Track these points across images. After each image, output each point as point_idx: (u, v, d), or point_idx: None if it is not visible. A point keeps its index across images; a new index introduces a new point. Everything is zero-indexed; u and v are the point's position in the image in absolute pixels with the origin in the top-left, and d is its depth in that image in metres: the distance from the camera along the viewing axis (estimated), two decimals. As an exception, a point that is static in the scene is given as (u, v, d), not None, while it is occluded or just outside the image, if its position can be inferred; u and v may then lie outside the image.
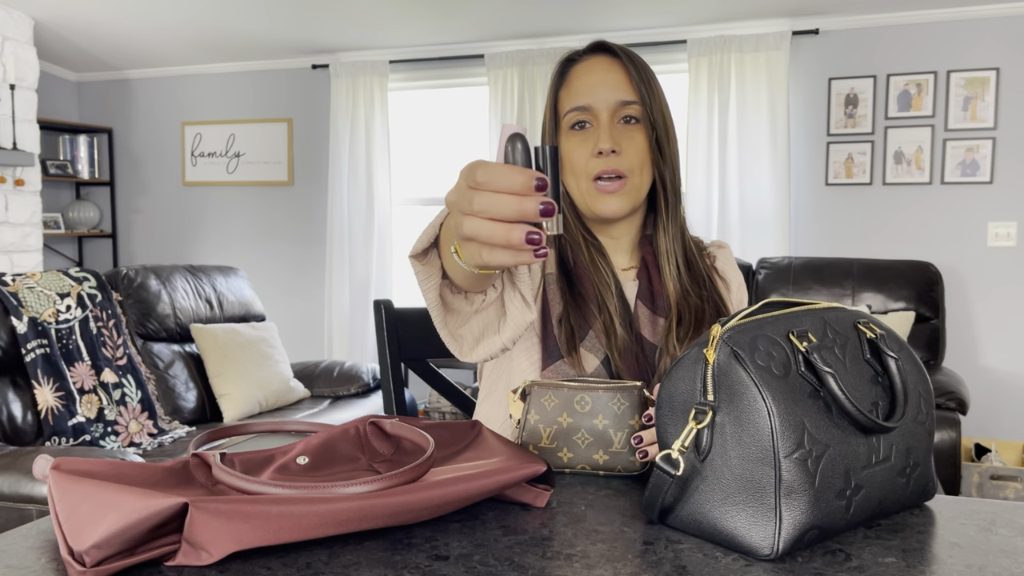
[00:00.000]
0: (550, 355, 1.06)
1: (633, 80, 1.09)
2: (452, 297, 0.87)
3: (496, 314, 0.92)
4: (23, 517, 2.05)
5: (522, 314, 0.89)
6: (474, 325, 0.91)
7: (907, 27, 3.77)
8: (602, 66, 1.10)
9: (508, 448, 0.78)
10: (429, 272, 0.82)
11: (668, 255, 1.13)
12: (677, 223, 1.14)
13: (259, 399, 3.18)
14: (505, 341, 0.92)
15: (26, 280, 2.75)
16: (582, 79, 1.11)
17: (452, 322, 0.90)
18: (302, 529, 0.61)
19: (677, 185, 1.14)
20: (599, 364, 1.06)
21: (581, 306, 1.09)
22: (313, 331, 4.87)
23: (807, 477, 0.65)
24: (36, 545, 0.64)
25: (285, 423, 0.91)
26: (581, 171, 1.09)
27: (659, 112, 1.09)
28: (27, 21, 4.14)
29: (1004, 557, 0.65)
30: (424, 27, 4.18)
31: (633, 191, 1.09)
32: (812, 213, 3.96)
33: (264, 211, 4.95)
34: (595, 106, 1.09)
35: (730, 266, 1.22)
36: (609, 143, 1.06)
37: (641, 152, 1.08)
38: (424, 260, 0.81)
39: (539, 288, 1.12)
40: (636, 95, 1.08)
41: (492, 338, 0.91)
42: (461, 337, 0.91)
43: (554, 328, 1.07)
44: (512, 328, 0.90)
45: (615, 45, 1.12)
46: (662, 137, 1.09)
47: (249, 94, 4.93)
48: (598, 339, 1.06)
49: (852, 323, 0.76)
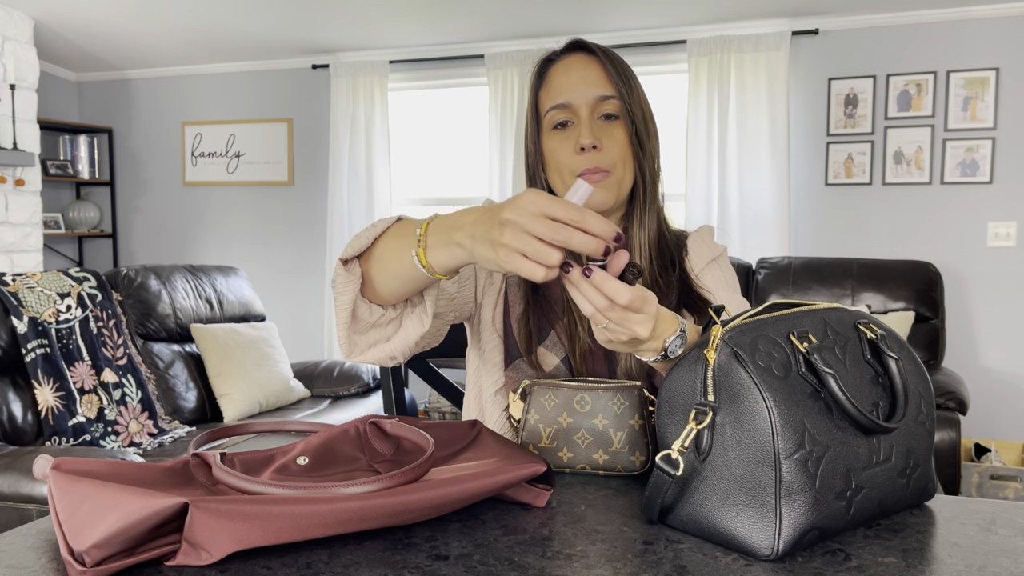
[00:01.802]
0: (510, 354, 1.10)
1: (611, 76, 1.10)
2: (359, 305, 0.92)
3: (393, 328, 0.95)
4: (23, 517, 2.05)
5: (415, 328, 0.93)
6: (370, 335, 0.95)
7: (907, 27, 3.77)
8: (580, 64, 1.11)
9: (508, 448, 0.78)
10: (349, 278, 0.88)
11: (640, 248, 1.14)
12: (654, 213, 1.15)
13: (259, 399, 3.18)
14: (393, 350, 0.95)
15: (26, 280, 2.75)
16: (560, 77, 1.12)
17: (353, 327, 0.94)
18: (302, 529, 0.61)
19: (656, 178, 1.15)
20: (559, 362, 1.09)
21: (544, 306, 1.11)
22: (313, 331, 4.87)
23: (807, 478, 0.65)
24: (36, 545, 0.64)
25: (285, 423, 0.91)
26: (565, 168, 1.11)
27: (638, 107, 1.11)
28: (27, 21, 4.14)
29: (1004, 557, 0.65)
30: (424, 27, 4.18)
31: (616, 185, 1.10)
32: (812, 213, 3.96)
33: (264, 211, 4.95)
34: (575, 103, 1.10)
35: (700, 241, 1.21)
36: (590, 138, 1.07)
37: (622, 147, 1.10)
38: (347, 267, 0.88)
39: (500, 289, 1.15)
40: (614, 90, 1.09)
41: (382, 347, 0.95)
42: (354, 343, 0.95)
43: (513, 328, 1.10)
44: (401, 340, 0.94)
45: (592, 43, 1.13)
46: (641, 131, 1.11)
47: (249, 94, 4.93)
48: (559, 339, 1.09)
49: (852, 324, 0.76)
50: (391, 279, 0.86)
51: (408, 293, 0.89)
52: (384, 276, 0.86)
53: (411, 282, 0.85)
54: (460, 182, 4.59)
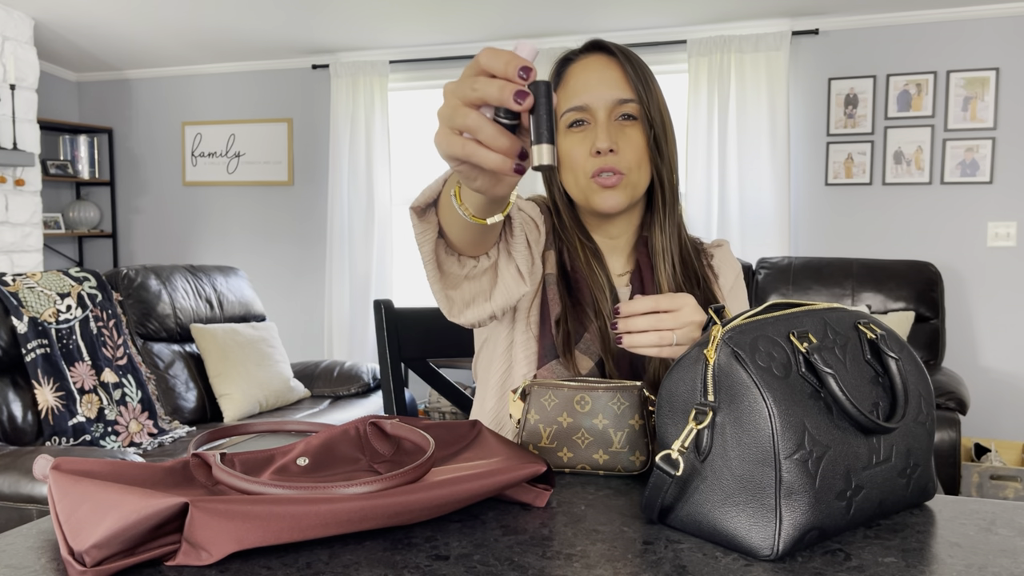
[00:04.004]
0: (546, 354, 1.09)
1: (630, 78, 1.09)
2: (445, 258, 0.89)
3: (488, 282, 0.93)
4: (23, 517, 2.05)
5: (516, 285, 0.91)
6: (465, 290, 0.93)
7: (907, 27, 3.77)
8: (599, 65, 1.11)
9: (508, 448, 0.78)
10: (424, 227, 0.85)
11: (664, 254, 1.14)
12: (674, 221, 1.15)
13: (259, 399, 3.18)
14: (495, 308, 0.93)
15: (26, 280, 2.75)
16: (579, 78, 1.11)
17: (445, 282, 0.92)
18: (302, 529, 0.61)
19: (675, 183, 1.14)
20: (593, 366, 1.08)
21: (578, 309, 1.11)
22: (313, 331, 4.87)
23: (807, 478, 0.65)
24: (36, 545, 0.64)
25: (285, 423, 0.91)
26: (579, 168, 1.10)
27: (656, 110, 1.10)
28: (27, 21, 4.14)
29: (1004, 557, 0.65)
30: (424, 27, 4.18)
31: (631, 187, 1.10)
32: (812, 213, 3.97)
33: (264, 211, 4.95)
34: (592, 105, 1.09)
35: (725, 261, 1.23)
36: (606, 142, 1.06)
37: (638, 150, 1.09)
38: (423, 216, 0.85)
39: (538, 287, 1.14)
40: (633, 93, 1.08)
41: (483, 304, 0.93)
42: (451, 299, 0.93)
43: (552, 328, 1.09)
44: (503, 296, 0.92)
45: (612, 44, 1.12)
46: (659, 135, 1.10)
47: (249, 94, 4.93)
48: (593, 342, 1.09)
49: (852, 324, 0.76)
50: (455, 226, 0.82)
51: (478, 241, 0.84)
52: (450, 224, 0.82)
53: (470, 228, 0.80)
54: (460, 182, 4.59)
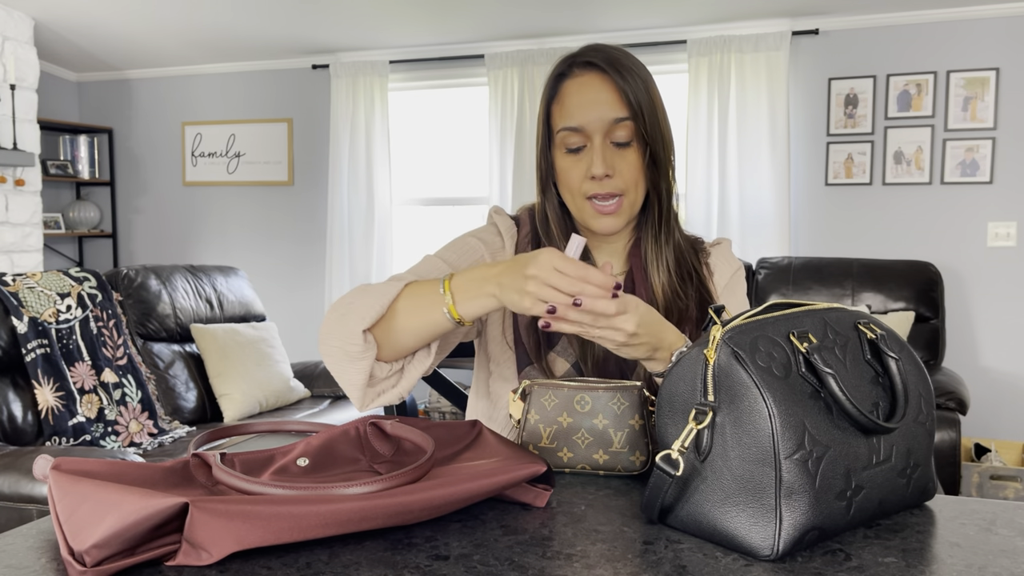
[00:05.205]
0: (520, 361, 1.12)
1: (624, 96, 1.07)
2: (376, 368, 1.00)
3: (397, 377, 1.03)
4: (23, 517, 2.05)
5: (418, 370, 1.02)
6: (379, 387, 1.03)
7: (907, 27, 3.77)
8: (594, 85, 1.09)
9: (508, 448, 0.78)
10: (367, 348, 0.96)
11: (658, 259, 1.15)
12: (669, 229, 1.16)
13: (259, 399, 3.18)
14: (401, 393, 1.03)
15: (26, 280, 2.75)
16: (573, 97, 1.10)
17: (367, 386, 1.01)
18: (302, 529, 0.61)
19: (671, 192, 1.15)
20: (569, 367, 1.10)
21: None
22: (313, 331, 4.87)
23: (808, 478, 0.65)
24: (36, 545, 0.64)
25: (285, 423, 0.91)
26: (576, 190, 1.11)
27: (654, 125, 1.09)
28: (27, 21, 4.13)
29: (1004, 557, 0.65)
30: (424, 27, 4.18)
31: (628, 208, 1.11)
32: (812, 213, 3.96)
33: (264, 211, 4.95)
34: (588, 128, 1.08)
35: (722, 259, 1.23)
36: (602, 168, 1.07)
37: (635, 170, 1.09)
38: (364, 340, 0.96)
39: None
40: (628, 111, 1.07)
41: (389, 393, 1.03)
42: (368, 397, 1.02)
43: (523, 336, 1.12)
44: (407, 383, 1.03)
45: (605, 57, 1.09)
46: (657, 150, 1.10)
47: (249, 94, 4.93)
48: (570, 344, 1.11)
49: (853, 324, 0.76)
50: (410, 337, 0.98)
51: (421, 346, 1.00)
52: (403, 335, 0.98)
53: (431, 336, 0.98)
54: (460, 182, 4.59)
